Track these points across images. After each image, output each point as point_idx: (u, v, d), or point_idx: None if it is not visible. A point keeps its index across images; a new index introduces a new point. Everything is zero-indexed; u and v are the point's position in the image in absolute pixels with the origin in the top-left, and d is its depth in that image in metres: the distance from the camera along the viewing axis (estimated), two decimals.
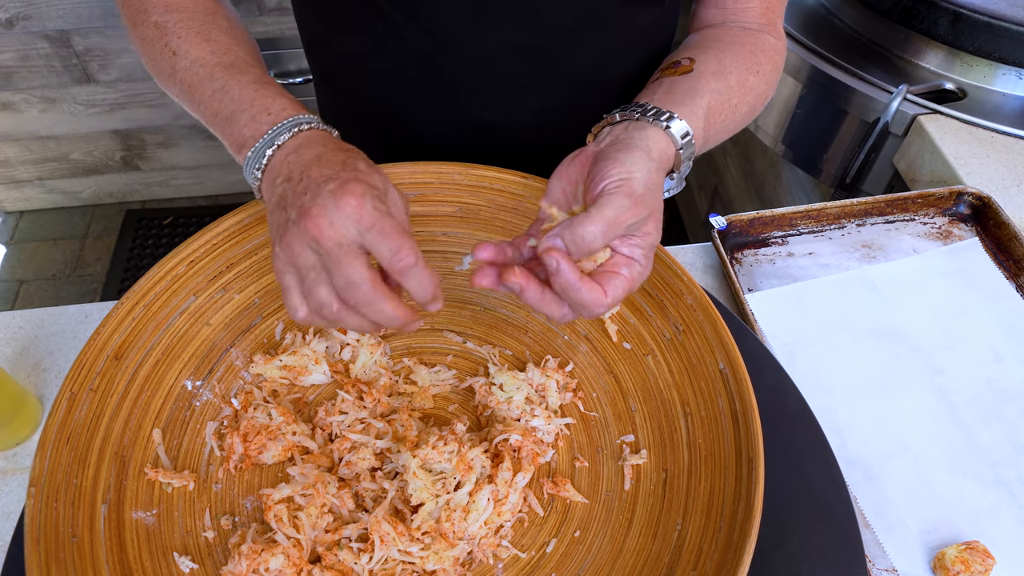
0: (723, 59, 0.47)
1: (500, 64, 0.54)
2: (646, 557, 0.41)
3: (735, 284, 0.59)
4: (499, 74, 0.55)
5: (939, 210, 0.67)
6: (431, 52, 0.53)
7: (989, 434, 0.52)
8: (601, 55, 0.55)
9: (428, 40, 0.53)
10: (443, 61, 0.54)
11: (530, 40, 0.52)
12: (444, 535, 0.41)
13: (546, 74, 0.55)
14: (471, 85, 0.56)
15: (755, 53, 0.49)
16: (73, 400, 0.42)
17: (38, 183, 1.74)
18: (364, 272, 0.35)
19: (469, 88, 0.56)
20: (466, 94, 0.56)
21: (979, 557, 0.45)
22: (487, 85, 0.56)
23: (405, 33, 0.53)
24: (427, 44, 0.53)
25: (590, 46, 0.54)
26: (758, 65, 0.48)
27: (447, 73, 0.55)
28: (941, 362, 0.57)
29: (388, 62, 0.56)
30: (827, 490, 0.45)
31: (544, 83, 0.56)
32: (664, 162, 0.39)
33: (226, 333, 0.49)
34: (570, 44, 0.53)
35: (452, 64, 0.54)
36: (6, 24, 1.37)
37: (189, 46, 0.44)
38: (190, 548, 0.43)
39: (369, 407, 0.48)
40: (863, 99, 0.81)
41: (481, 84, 0.55)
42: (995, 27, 0.76)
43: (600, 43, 0.54)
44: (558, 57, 0.54)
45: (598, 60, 0.55)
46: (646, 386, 0.47)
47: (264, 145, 0.39)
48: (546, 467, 0.46)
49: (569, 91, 0.57)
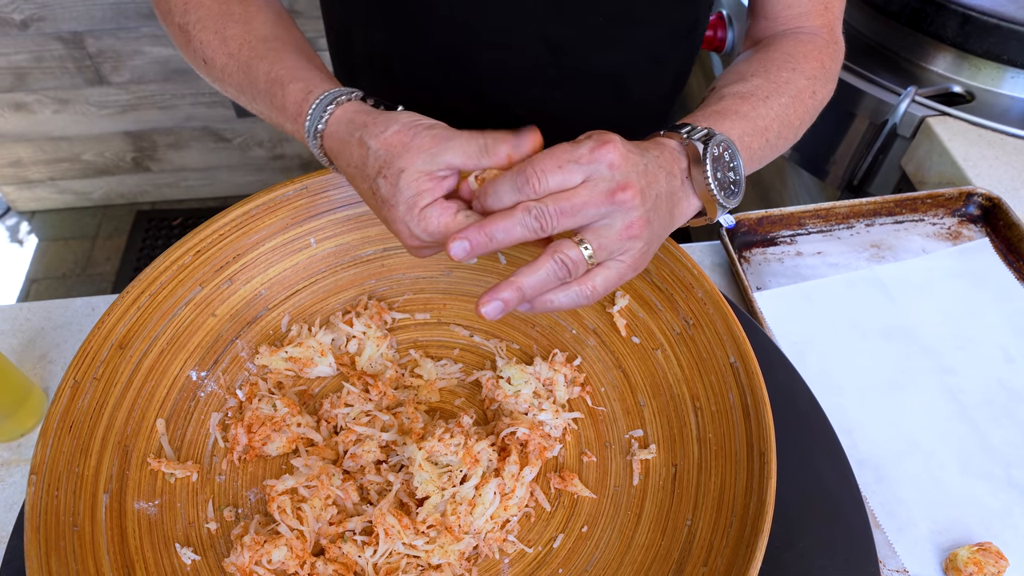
0: (747, 69, 0.46)
1: (528, 57, 0.53)
2: (655, 553, 0.40)
3: (744, 282, 0.59)
4: (526, 67, 0.54)
5: (948, 211, 0.67)
6: (456, 42, 0.53)
7: (1001, 435, 0.52)
8: (632, 54, 0.55)
9: (454, 30, 0.52)
10: (468, 52, 0.53)
11: (558, 33, 0.52)
12: (450, 529, 0.41)
13: (575, 69, 0.54)
14: (496, 77, 0.55)
15: (791, 54, 0.47)
16: (76, 388, 0.42)
17: (50, 183, 1.75)
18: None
19: (494, 80, 0.55)
20: (491, 85, 0.56)
21: (992, 559, 0.44)
22: (513, 77, 0.55)
23: (430, 23, 0.52)
24: (453, 34, 0.53)
25: (620, 44, 0.53)
26: (794, 63, 0.47)
27: (472, 64, 0.54)
28: (951, 362, 0.56)
29: (413, 52, 0.55)
30: (838, 488, 0.44)
31: (573, 79, 0.55)
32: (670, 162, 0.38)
33: (232, 324, 0.49)
34: (601, 41, 0.53)
35: (478, 55, 0.54)
36: (20, 25, 1.39)
37: (214, 53, 0.45)
38: (192, 539, 0.42)
39: (375, 400, 0.48)
40: (871, 101, 0.81)
41: (507, 76, 0.55)
42: (1004, 29, 0.76)
43: (632, 42, 0.54)
44: (588, 53, 0.53)
45: (629, 59, 0.55)
46: (655, 380, 0.46)
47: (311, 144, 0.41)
48: (553, 462, 0.46)
49: (598, 88, 0.56)
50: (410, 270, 0.54)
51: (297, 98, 0.41)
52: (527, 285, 0.35)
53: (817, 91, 0.48)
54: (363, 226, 0.52)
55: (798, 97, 0.46)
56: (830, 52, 0.50)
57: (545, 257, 0.35)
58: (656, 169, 0.37)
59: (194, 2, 0.46)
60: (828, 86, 0.50)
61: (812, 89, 0.48)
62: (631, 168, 0.35)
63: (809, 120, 0.49)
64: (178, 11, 0.47)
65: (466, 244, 0.35)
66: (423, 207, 0.36)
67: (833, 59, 0.50)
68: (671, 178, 0.38)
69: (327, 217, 0.51)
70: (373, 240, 0.53)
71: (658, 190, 0.37)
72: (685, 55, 0.59)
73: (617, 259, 0.36)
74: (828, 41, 0.51)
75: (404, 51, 0.56)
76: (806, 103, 0.48)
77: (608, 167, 0.35)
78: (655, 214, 0.36)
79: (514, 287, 0.35)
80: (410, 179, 0.36)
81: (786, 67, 0.47)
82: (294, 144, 1.74)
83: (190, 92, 1.57)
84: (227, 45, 0.45)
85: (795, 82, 0.46)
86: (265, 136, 1.70)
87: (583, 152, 0.34)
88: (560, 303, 0.36)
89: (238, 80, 0.44)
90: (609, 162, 0.34)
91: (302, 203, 0.50)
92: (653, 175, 0.37)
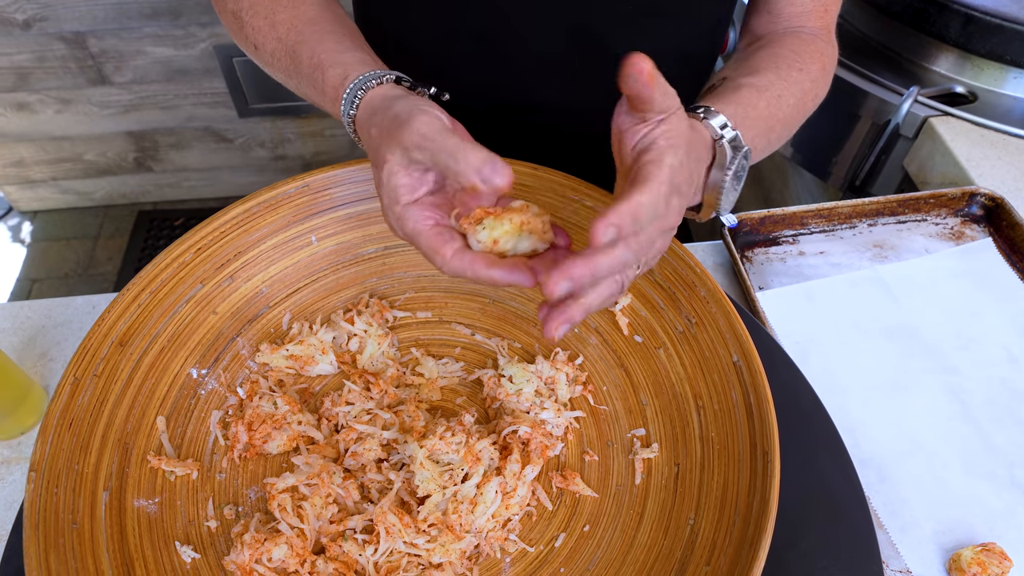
0: (757, 62, 0.46)
1: (554, 44, 0.53)
2: (657, 552, 0.40)
3: (746, 282, 0.59)
4: (553, 54, 0.54)
5: (951, 211, 0.67)
6: (486, 26, 0.53)
7: (1004, 435, 0.51)
8: (659, 45, 0.54)
9: (483, 15, 0.52)
10: (496, 37, 0.53)
11: (586, 22, 0.51)
12: (451, 527, 0.41)
13: (601, 59, 0.54)
14: (524, 64, 0.55)
15: (799, 52, 0.47)
16: (76, 385, 0.41)
17: (52, 183, 1.76)
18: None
19: (522, 67, 0.55)
20: (518, 71, 0.55)
21: (996, 559, 0.44)
22: (540, 64, 0.55)
23: (461, 6, 0.52)
24: (482, 19, 0.52)
25: (647, 34, 0.53)
26: (801, 63, 0.47)
27: (502, 49, 0.54)
28: (954, 362, 0.56)
29: (442, 35, 0.55)
30: (841, 488, 0.44)
31: (599, 68, 0.54)
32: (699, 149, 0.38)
33: (232, 322, 0.49)
34: (628, 31, 0.53)
35: (505, 41, 0.53)
36: (23, 25, 1.39)
37: (264, 39, 0.45)
38: (192, 537, 0.42)
39: (376, 398, 0.48)
40: (874, 101, 0.81)
41: (534, 63, 0.54)
42: (1007, 30, 0.75)
43: (659, 32, 0.53)
44: (615, 43, 0.53)
45: (655, 50, 0.55)
46: (657, 379, 0.46)
47: (346, 132, 0.41)
48: (555, 461, 0.46)
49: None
50: (411, 268, 0.54)
51: (335, 83, 0.41)
52: (593, 306, 0.34)
53: (818, 94, 0.49)
54: (365, 224, 0.52)
55: (803, 99, 0.47)
56: (829, 55, 0.50)
57: (610, 282, 0.34)
58: (692, 162, 0.36)
59: None
60: (825, 89, 0.50)
61: (815, 92, 0.48)
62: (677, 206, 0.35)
63: (801, 121, 0.49)
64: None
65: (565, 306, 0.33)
66: (403, 205, 0.36)
67: (831, 62, 0.51)
68: (699, 165, 0.38)
69: (328, 215, 0.51)
70: (375, 238, 0.53)
71: (687, 181, 0.36)
72: (708, 52, 0.59)
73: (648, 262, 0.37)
74: (827, 43, 0.51)
75: (432, 35, 0.55)
76: (807, 105, 0.48)
77: (660, 232, 0.34)
78: (679, 205, 0.36)
79: (583, 308, 0.33)
80: (390, 171, 0.36)
81: (795, 66, 0.46)
82: (296, 145, 1.74)
83: (192, 92, 1.57)
84: (276, 30, 0.45)
85: (802, 83, 0.46)
86: (267, 137, 1.70)
87: (651, 216, 0.32)
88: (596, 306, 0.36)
89: (285, 65, 0.44)
90: (662, 228, 0.34)
91: (303, 201, 0.50)
92: (687, 174, 0.36)
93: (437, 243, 0.35)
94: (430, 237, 0.35)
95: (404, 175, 0.35)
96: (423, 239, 0.35)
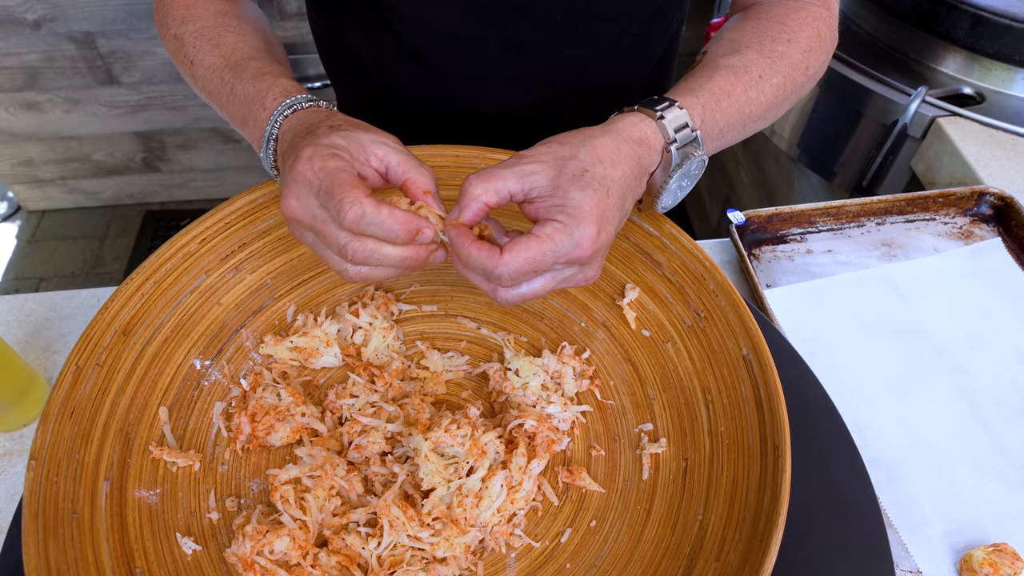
0: (740, 37, 0.44)
1: (490, 57, 0.53)
2: (666, 548, 0.39)
3: (753, 279, 0.58)
4: (489, 67, 0.54)
5: (960, 210, 0.66)
6: (421, 46, 0.53)
7: (1015, 435, 0.51)
8: (596, 48, 0.54)
9: (417, 34, 0.53)
10: (432, 55, 0.54)
11: (520, 33, 0.52)
12: (455, 521, 0.40)
13: (539, 67, 0.54)
14: (462, 79, 0.55)
15: (784, 22, 0.45)
16: (79, 374, 0.41)
17: (60, 183, 1.76)
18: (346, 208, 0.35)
19: (461, 81, 0.55)
20: (458, 87, 0.56)
21: (1008, 559, 0.43)
22: (477, 78, 0.55)
23: (395, 27, 0.53)
24: (416, 38, 0.53)
25: (583, 39, 0.53)
26: (789, 32, 0.45)
27: (437, 67, 0.55)
28: (964, 362, 0.55)
29: (383, 56, 0.56)
30: (851, 486, 0.43)
31: (537, 76, 0.55)
32: (640, 144, 0.38)
33: (237, 313, 0.49)
34: (563, 37, 0.52)
35: (441, 58, 0.54)
36: (33, 25, 1.40)
37: (203, 55, 0.46)
38: (193, 529, 0.41)
39: (380, 391, 0.47)
40: (881, 101, 0.81)
41: (471, 77, 0.55)
42: (1015, 30, 0.75)
43: (595, 36, 0.53)
44: (551, 50, 0.53)
45: (593, 53, 0.54)
46: (665, 374, 0.46)
47: (267, 141, 0.42)
48: (561, 455, 0.45)
49: (564, 84, 0.56)
50: None
51: (276, 94, 0.42)
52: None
53: (811, 64, 0.46)
54: None
55: (790, 75, 0.45)
56: (824, 19, 0.47)
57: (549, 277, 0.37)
58: (631, 181, 0.37)
59: (192, 15, 0.48)
60: (822, 57, 0.48)
61: (806, 63, 0.46)
62: (602, 243, 0.36)
63: (797, 97, 0.47)
64: (175, 23, 0.48)
65: (441, 254, 0.37)
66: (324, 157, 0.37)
67: (828, 27, 0.48)
68: (639, 179, 0.38)
69: None
70: None
71: (622, 205, 0.37)
72: (661, 35, 0.57)
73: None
74: (820, 6, 0.48)
75: (375, 55, 0.56)
76: (798, 80, 0.46)
77: (578, 264, 0.36)
78: (612, 230, 0.37)
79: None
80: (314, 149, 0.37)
81: (781, 39, 0.45)
82: None
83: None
84: (220, 49, 0.46)
85: (790, 56, 0.44)
86: None
87: (561, 254, 0.35)
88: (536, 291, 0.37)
89: (219, 78, 0.45)
90: (580, 259, 0.35)
91: None
92: (621, 197, 0.37)
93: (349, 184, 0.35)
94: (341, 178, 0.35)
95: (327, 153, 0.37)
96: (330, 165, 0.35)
